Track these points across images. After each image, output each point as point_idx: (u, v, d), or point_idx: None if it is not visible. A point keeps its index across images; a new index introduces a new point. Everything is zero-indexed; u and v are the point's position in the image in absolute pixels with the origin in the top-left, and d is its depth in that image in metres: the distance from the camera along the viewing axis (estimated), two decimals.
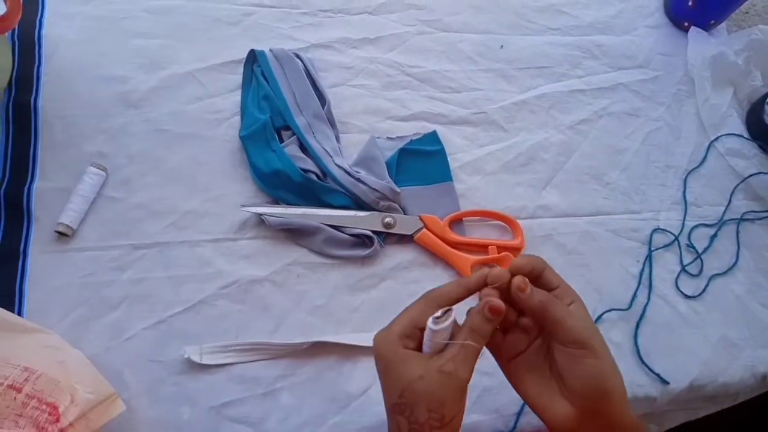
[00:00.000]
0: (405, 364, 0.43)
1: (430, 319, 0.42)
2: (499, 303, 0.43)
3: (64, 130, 0.66)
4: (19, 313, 0.57)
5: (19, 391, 0.48)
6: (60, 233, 0.61)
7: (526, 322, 0.47)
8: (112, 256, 0.62)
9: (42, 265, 0.60)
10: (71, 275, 0.60)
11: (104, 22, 0.72)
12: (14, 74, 0.67)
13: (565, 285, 0.47)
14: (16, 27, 0.68)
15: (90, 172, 0.63)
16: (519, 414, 0.63)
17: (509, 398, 0.63)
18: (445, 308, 0.43)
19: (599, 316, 0.69)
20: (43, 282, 0.59)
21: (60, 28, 0.70)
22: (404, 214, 0.70)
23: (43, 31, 0.70)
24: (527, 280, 0.45)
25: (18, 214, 0.61)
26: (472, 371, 0.43)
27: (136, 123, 0.68)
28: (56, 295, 0.59)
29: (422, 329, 0.44)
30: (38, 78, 0.67)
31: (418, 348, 0.44)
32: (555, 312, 0.44)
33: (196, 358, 0.58)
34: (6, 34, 0.67)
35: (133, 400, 0.56)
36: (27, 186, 0.62)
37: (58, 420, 0.47)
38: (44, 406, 0.48)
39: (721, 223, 0.80)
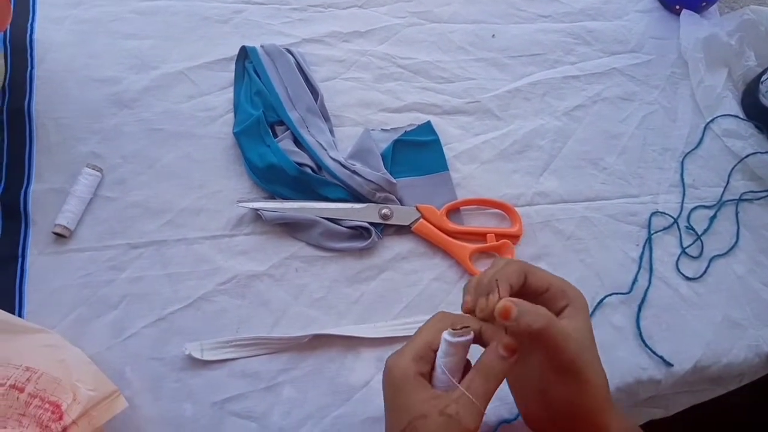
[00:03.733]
0: (412, 396, 0.39)
1: (446, 332, 0.40)
2: (512, 342, 0.40)
3: (58, 132, 0.66)
4: (20, 315, 0.57)
5: (22, 390, 0.48)
6: (57, 234, 0.61)
7: None
8: (109, 255, 0.61)
9: (41, 267, 0.60)
10: (70, 276, 0.60)
11: (94, 24, 0.72)
12: (7, 79, 0.67)
13: (557, 284, 0.44)
14: (8, 32, 0.69)
15: (85, 172, 0.63)
16: None
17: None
18: (464, 324, 0.41)
19: (600, 301, 0.69)
20: (42, 283, 0.59)
21: (51, 32, 0.71)
22: (401, 205, 0.70)
23: (35, 36, 0.70)
24: (513, 304, 0.39)
25: (15, 217, 0.61)
26: (479, 418, 0.39)
27: (130, 123, 0.68)
28: (56, 295, 0.59)
29: (436, 350, 0.41)
30: (31, 81, 0.67)
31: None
32: (553, 336, 0.40)
33: (197, 355, 0.58)
34: None
35: (136, 398, 0.56)
36: (23, 189, 0.62)
37: (61, 418, 0.47)
38: (47, 405, 0.48)
39: (720, 204, 0.80)
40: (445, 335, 0.40)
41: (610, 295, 0.70)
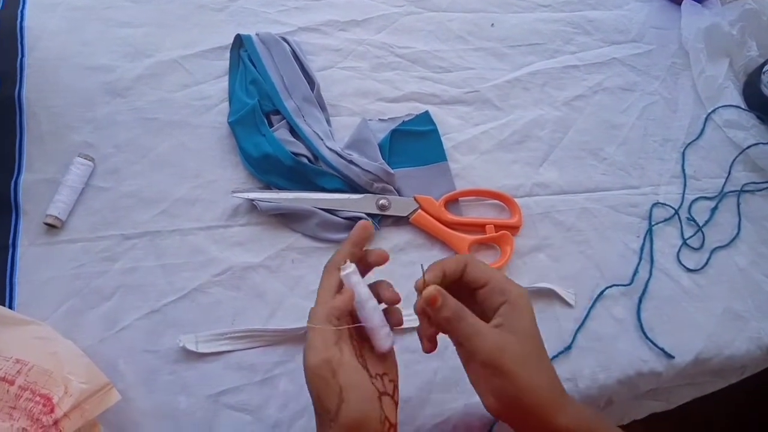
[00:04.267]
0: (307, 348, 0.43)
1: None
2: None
3: (50, 121, 0.64)
4: (10, 307, 0.56)
5: (12, 383, 0.47)
6: (49, 225, 0.60)
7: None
8: (102, 246, 0.60)
9: (32, 258, 0.59)
10: (62, 267, 0.59)
11: (86, 11, 0.71)
12: None
13: (498, 280, 0.46)
14: None
15: (77, 162, 0.62)
16: None
17: None
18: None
19: (601, 293, 0.68)
20: (33, 275, 0.58)
21: (42, 19, 0.69)
22: (399, 195, 0.69)
23: (25, 23, 0.69)
24: (439, 293, 0.43)
25: (5, 208, 0.60)
26: (323, 350, 0.42)
27: (123, 112, 0.67)
28: (47, 287, 0.58)
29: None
30: (21, 70, 0.66)
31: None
32: (461, 330, 0.43)
33: (191, 347, 0.57)
34: None
35: (130, 391, 0.55)
36: (14, 179, 0.61)
37: (52, 411, 0.47)
38: (38, 398, 0.47)
39: (721, 196, 0.79)
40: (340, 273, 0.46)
41: (610, 286, 0.69)
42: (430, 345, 0.47)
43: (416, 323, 0.48)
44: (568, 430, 0.43)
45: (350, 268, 0.46)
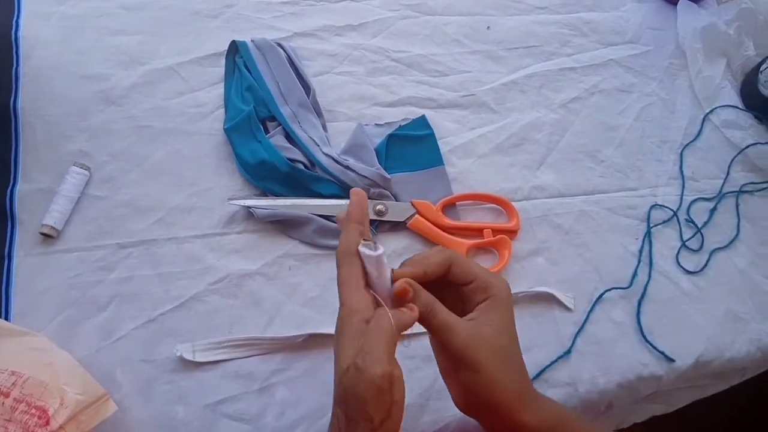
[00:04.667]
0: (346, 346, 0.39)
1: (360, 246, 0.41)
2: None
3: (45, 130, 0.64)
4: (6, 318, 0.56)
5: (7, 396, 0.47)
6: (45, 235, 0.59)
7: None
8: (98, 255, 0.60)
9: (28, 268, 0.58)
10: (58, 277, 0.59)
11: (80, 20, 0.71)
12: None
13: (483, 277, 0.45)
14: None
15: (73, 171, 0.62)
16: None
17: None
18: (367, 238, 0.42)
19: (600, 296, 0.68)
20: (29, 285, 0.58)
21: (37, 29, 0.69)
22: (396, 200, 0.68)
23: (20, 32, 0.69)
24: (410, 284, 0.42)
25: (1, 218, 0.60)
26: (388, 363, 0.38)
27: (118, 120, 0.67)
28: (43, 297, 0.58)
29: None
30: (17, 79, 0.66)
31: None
32: (432, 323, 0.42)
33: (188, 356, 0.57)
34: None
35: (127, 401, 0.55)
36: (9, 189, 0.61)
37: (48, 423, 0.46)
38: (33, 410, 0.47)
39: (720, 196, 0.79)
40: (362, 249, 0.41)
41: (609, 290, 0.68)
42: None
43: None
44: (532, 428, 0.43)
45: (380, 249, 0.42)
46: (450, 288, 0.46)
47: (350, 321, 0.40)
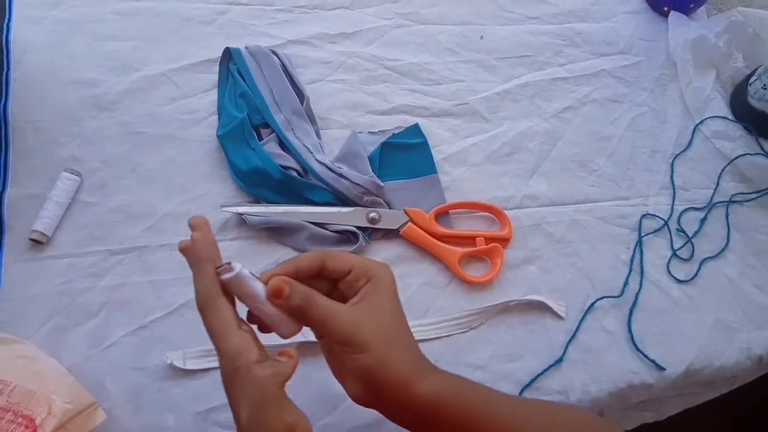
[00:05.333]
0: (239, 401, 0.40)
1: (222, 276, 0.40)
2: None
3: (36, 136, 0.64)
4: None
5: None
6: (34, 240, 0.59)
7: None
8: (89, 262, 0.60)
9: (16, 274, 0.58)
10: (47, 283, 0.58)
11: (73, 25, 0.71)
12: None
13: (360, 265, 0.45)
14: None
15: (64, 177, 0.61)
16: None
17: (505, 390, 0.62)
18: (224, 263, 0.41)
19: (591, 305, 0.68)
20: (17, 291, 0.57)
21: (28, 33, 0.69)
22: (389, 208, 0.68)
23: (11, 36, 0.68)
24: (284, 280, 0.41)
25: None
26: (287, 418, 0.39)
27: (110, 126, 0.66)
28: (32, 304, 0.57)
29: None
30: (7, 84, 0.66)
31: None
32: (314, 315, 0.42)
33: (179, 364, 0.57)
34: None
35: (116, 409, 0.54)
36: None
37: None
38: (20, 419, 0.46)
39: (710, 206, 0.79)
40: (222, 278, 0.40)
41: (601, 298, 0.69)
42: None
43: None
44: (429, 399, 0.42)
45: (237, 265, 0.41)
46: (330, 286, 0.46)
47: (236, 368, 0.39)
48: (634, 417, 0.74)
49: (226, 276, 0.40)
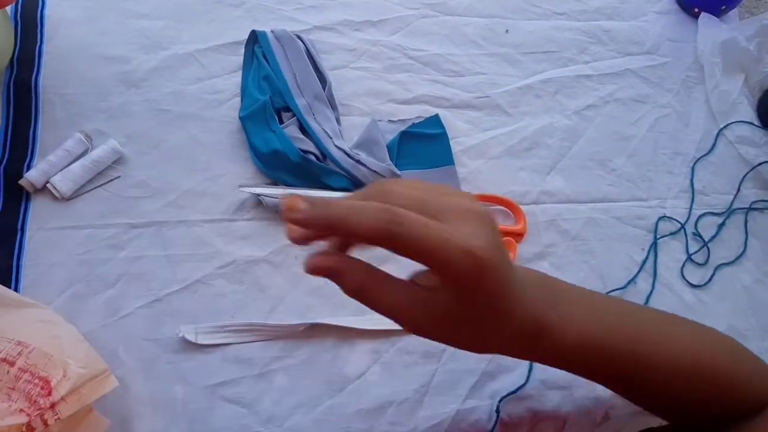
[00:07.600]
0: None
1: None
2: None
3: (65, 108, 0.65)
4: (15, 289, 0.57)
5: (12, 364, 0.48)
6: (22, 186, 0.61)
7: None
8: (109, 234, 0.61)
9: (39, 242, 0.60)
10: (68, 252, 0.60)
11: (106, 2, 0.72)
12: (16, 53, 0.67)
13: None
14: (19, 6, 0.69)
15: (75, 136, 0.63)
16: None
17: (508, 383, 0.62)
18: None
19: None
20: (40, 258, 0.59)
21: (62, 8, 0.70)
22: None
23: (46, 11, 0.70)
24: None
25: (17, 192, 0.61)
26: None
27: (136, 102, 0.68)
28: (53, 271, 0.59)
29: None
30: (40, 57, 0.67)
31: None
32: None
33: (191, 338, 0.58)
34: (9, 13, 0.68)
35: (128, 378, 0.56)
36: (26, 163, 0.62)
37: (50, 394, 0.47)
38: (36, 380, 0.48)
39: (729, 212, 0.79)
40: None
41: (608, 292, 0.69)
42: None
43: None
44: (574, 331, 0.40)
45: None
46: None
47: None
48: (641, 421, 0.74)
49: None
